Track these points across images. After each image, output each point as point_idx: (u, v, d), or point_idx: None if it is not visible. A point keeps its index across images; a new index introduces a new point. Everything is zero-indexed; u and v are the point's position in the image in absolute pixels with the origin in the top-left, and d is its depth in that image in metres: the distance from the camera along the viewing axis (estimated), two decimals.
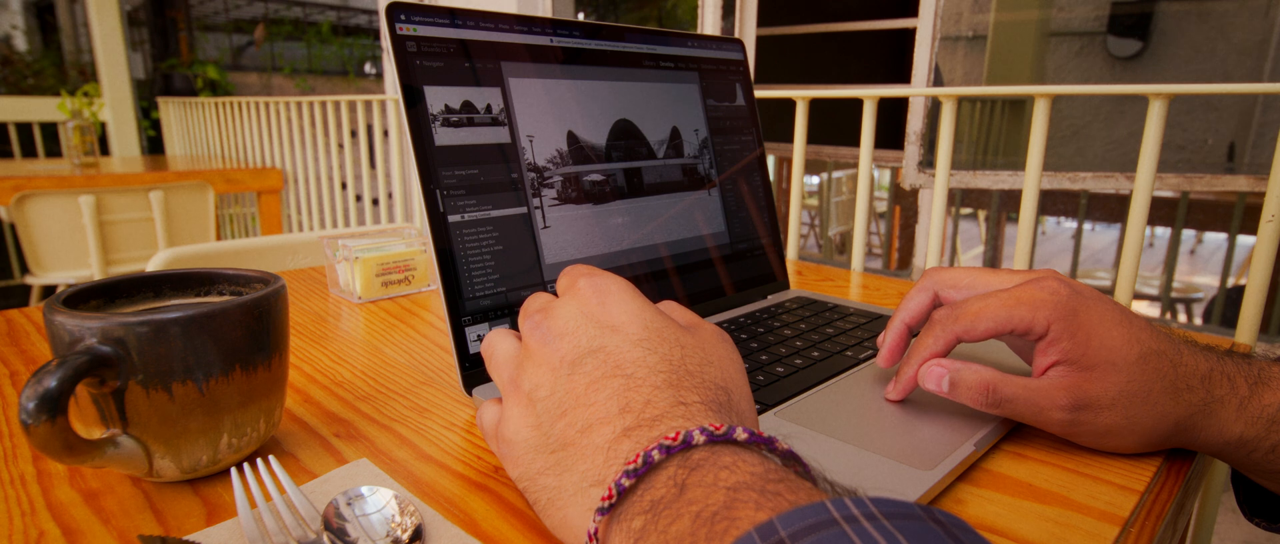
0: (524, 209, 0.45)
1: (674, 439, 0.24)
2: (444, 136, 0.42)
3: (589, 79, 0.51)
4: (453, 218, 0.42)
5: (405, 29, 0.42)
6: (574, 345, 0.29)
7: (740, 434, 0.24)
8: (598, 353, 0.28)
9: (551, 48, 0.49)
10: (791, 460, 0.25)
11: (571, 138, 0.48)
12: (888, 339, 0.43)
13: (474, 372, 0.42)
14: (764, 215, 0.63)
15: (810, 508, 0.19)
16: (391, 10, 0.42)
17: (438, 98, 0.42)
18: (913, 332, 0.43)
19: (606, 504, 0.24)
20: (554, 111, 0.48)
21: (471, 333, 0.42)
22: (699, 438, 0.24)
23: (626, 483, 0.24)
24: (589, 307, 0.30)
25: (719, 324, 0.55)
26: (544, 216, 0.46)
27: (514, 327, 0.44)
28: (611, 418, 0.26)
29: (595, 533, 0.24)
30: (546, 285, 0.46)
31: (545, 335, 0.29)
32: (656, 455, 0.24)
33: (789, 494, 0.22)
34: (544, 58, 0.49)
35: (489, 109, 0.44)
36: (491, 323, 0.43)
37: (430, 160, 0.41)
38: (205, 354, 0.31)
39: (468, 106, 0.43)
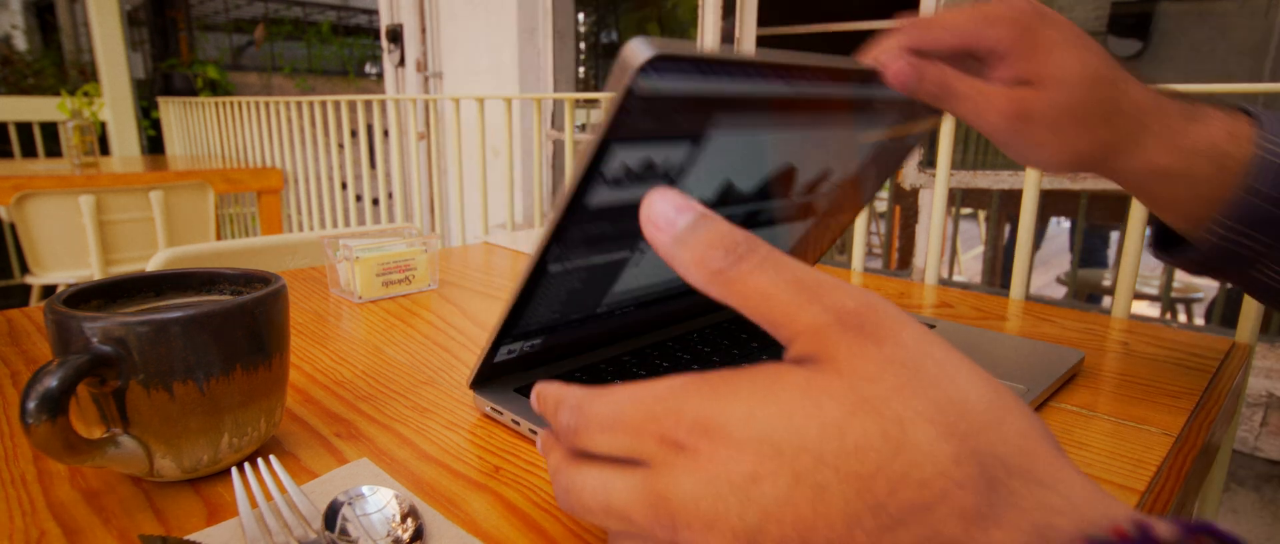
0: (627, 254, 0.39)
1: None
2: (601, 196, 0.32)
3: (794, 130, 0.39)
4: (554, 267, 0.35)
5: (647, 86, 0.28)
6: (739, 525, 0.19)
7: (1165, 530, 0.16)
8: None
9: (780, 98, 0.36)
10: None
11: (727, 188, 0.39)
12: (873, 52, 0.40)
13: (488, 379, 0.42)
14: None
15: None
16: (648, 65, 0.27)
17: (621, 155, 0.31)
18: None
19: None
20: (729, 165, 0.38)
21: (504, 350, 0.41)
22: None
23: None
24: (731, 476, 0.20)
25: (719, 324, 0.55)
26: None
27: (545, 353, 0.42)
28: None
29: None
30: (596, 316, 0.43)
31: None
32: None
33: None
34: (764, 108, 0.36)
35: (665, 163, 0.34)
36: (526, 341, 0.42)
37: (568, 218, 0.32)
38: (206, 354, 0.31)
39: (645, 164, 0.33)
